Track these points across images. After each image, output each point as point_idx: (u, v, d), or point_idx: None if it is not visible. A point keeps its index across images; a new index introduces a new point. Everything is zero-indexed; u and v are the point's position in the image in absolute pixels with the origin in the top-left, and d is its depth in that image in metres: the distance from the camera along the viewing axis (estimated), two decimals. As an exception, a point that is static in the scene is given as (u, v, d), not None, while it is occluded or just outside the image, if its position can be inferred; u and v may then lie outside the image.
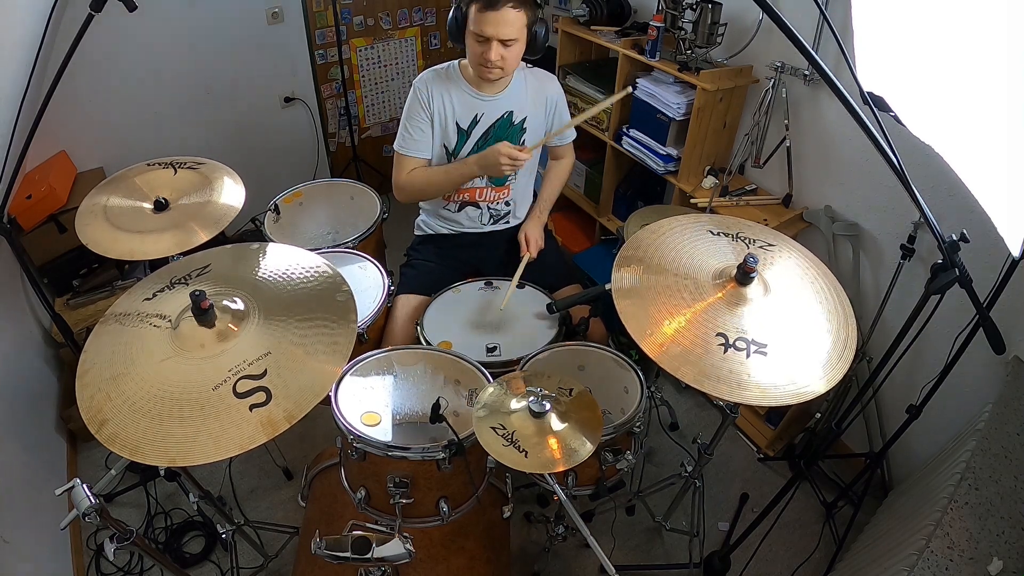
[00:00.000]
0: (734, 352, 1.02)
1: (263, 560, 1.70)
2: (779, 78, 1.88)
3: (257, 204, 1.74)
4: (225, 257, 1.21)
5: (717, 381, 0.99)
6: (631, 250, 1.20)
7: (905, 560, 1.17)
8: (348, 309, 1.09)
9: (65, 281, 2.24)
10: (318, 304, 1.09)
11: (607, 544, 1.82)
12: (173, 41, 2.48)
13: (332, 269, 1.17)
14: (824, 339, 1.06)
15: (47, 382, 2.07)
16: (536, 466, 1.06)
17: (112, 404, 0.93)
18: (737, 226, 1.27)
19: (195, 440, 0.89)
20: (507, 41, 1.51)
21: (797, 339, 1.06)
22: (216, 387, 0.94)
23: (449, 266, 1.86)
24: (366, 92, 3.18)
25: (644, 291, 1.11)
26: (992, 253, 1.27)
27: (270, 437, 0.90)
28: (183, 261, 1.23)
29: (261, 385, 0.95)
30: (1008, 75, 1.06)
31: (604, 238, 2.76)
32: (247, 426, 0.91)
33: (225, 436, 0.89)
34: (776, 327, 1.06)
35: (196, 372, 0.96)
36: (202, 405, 0.92)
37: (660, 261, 1.17)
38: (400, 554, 1.05)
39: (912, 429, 1.55)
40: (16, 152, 1.65)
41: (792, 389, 1.00)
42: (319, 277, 1.15)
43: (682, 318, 1.06)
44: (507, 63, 1.56)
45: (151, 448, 0.88)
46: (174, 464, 0.87)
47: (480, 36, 1.51)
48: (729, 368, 1.00)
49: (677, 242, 1.21)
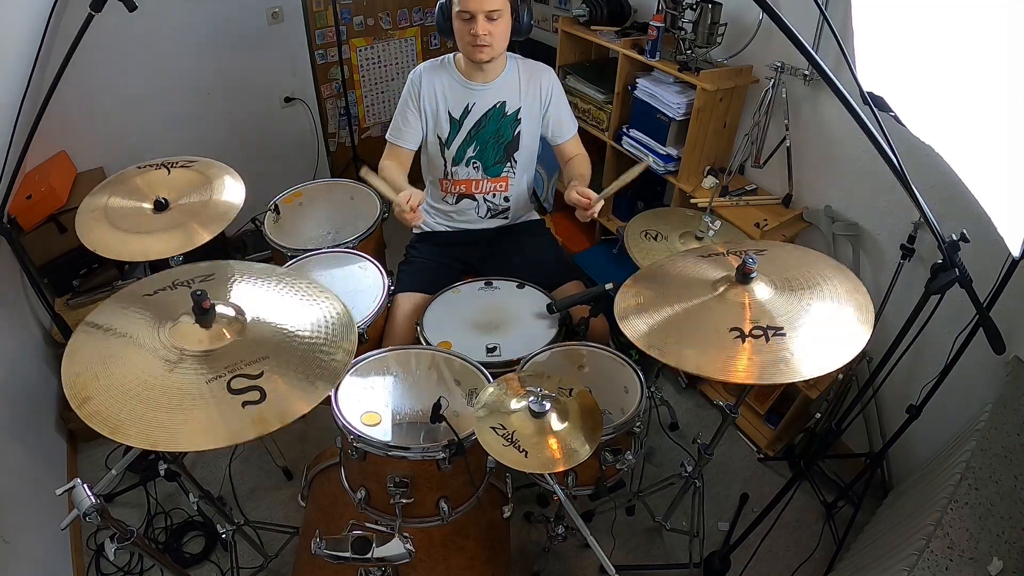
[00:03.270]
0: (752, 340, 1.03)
1: (263, 560, 1.70)
2: (779, 78, 1.88)
3: (257, 204, 1.75)
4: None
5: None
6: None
7: (905, 560, 1.17)
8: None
9: (65, 281, 2.24)
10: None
11: (607, 544, 1.82)
12: (173, 41, 2.48)
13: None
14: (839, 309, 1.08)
15: (47, 382, 2.07)
16: (536, 466, 1.06)
17: (98, 383, 0.93)
18: (723, 246, 1.30)
19: (182, 426, 0.89)
20: (491, 13, 1.53)
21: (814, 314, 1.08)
22: (210, 380, 0.95)
23: (448, 263, 1.86)
24: (366, 92, 3.18)
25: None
26: (992, 253, 1.27)
27: (260, 434, 0.90)
28: (188, 267, 1.23)
29: (256, 385, 0.95)
30: (1008, 75, 1.06)
31: (604, 238, 2.76)
32: (238, 420, 0.91)
33: (214, 427, 0.89)
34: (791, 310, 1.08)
35: (190, 364, 0.97)
36: (194, 395, 0.92)
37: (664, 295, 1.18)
38: (400, 554, 1.06)
39: (912, 429, 1.55)
40: (16, 152, 1.65)
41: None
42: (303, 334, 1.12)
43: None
44: (495, 39, 1.58)
45: (133, 429, 0.88)
46: (155, 448, 0.86)
47: (465, 13, 1.53)
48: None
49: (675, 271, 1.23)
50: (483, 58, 1.61)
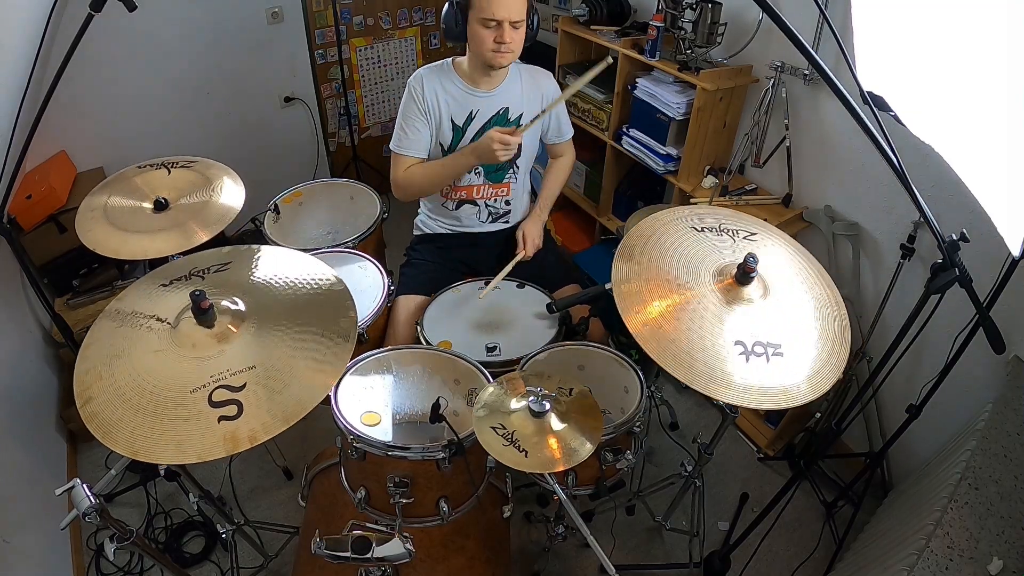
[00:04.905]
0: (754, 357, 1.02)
1: (263, 560, 1.70)
2: (779, 78, 1.88)
3: (257, 204, 1.74)
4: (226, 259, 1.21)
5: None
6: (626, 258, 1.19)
7: (905, 560, 1.17)
8: (347, 332, 1.05)
9: (65, 281, 2.24)
10: (317, 317, 1.07)
11: (607, 544, 1.82)
12: (173, 41, 2.48)
13: (337, 279, 1.16)
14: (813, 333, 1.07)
15: (47, 382, 2.07)
16: (536, 466, 1.06)
17: (101, 384, 0.93)
18: (717, 218, 1.26)
19: (161, 438, 0.88)
20: (516, 22, 1.54)
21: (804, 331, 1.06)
22: (194, 390, 0.93)
23: (448, 266, 1.86)
24: (366, 92, 3.18)
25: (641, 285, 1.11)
26: (992, 253, 1.27)
27: (228, 453, 0.88)
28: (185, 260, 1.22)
29: (235, 398, 0.93)
30: (1008, 75, 1.06)
31: (604, 238, 2.76)
32: (210, 436, 0.89)
33: (188, 441, 0.88)
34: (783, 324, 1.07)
35: (181, 371, 0.96)
36: (176, 405, 0.91)
37: (656, 266, 1.16)
38: (400, 554, 1.05)
39: (912, 429, 1.55)
40: (16, 152, 1.65)
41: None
42: (324, 286, 1.14)
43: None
44: (516, 45, 1.59)
45: (121, 436, 0.88)
46: (136, 457, 0.86)
47: (491, 20, 1.52)
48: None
49: (668, 242, 1.20)
50: (504, 63, 1.61)
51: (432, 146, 1.74)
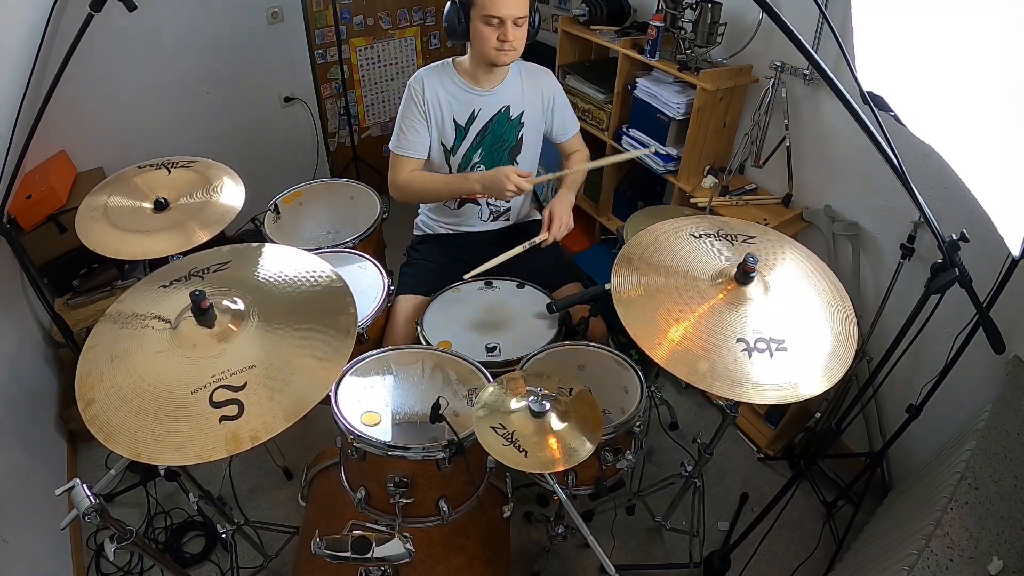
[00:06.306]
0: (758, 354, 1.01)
1: (263, 560, 1.70)
2: (779, 78, 1.88)
3: (257, 204, 1.74)
4: (225, 258, 1.20)
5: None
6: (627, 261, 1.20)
7: (905, 560, 1.17)
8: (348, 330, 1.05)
9: (65, 281, 2.24)
10: (317, 313, 1.07)
11: (607, 544, 1.82)
12: (173, 41, 2.48)
13: (336, 276, 1.16)
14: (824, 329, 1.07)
15: (47, 382, 2.07)
16: (536, 466, 1.06)
17: (103, 386, 0.93)
18: (716, 224, 1.27)
19: (163, 439, 0.88)
20: (519, 19, 1.55)
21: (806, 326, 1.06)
22: (195, 391, 0.93)
23: (448, 266, 1.85)
24: (366, 92, 3.18)
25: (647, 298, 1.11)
26: (992, 253, 1.27)
27: (230, 453, 0.88)
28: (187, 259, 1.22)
29: (236, 398, 0.93)
30: (1008, 75, 1.06)
31: (604, 238, 2.76)
32: (212, 437, 0.89)
33: (189, 442, 0.88)
34: (786, 319, 1.07)
35: (182, 371, 0.96)
36: (178, 406, 0.91)
37: (657, 268, 1.16)
38: (400, 554, 1.05)
39: (912, 429, 1.55)
40: (16, 152, 1.65)
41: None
42: (323, 283, 1.14)
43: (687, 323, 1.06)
44: (519, 43, 1.60)
45: (123, 437, 0.88)
46: (139, 459, 0.86)
47: (495, 18, 1.53)
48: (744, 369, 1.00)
49: (670, 247, 1.21)
50: (507, 61, 1.62)
51: (434, 146, 1.74)
